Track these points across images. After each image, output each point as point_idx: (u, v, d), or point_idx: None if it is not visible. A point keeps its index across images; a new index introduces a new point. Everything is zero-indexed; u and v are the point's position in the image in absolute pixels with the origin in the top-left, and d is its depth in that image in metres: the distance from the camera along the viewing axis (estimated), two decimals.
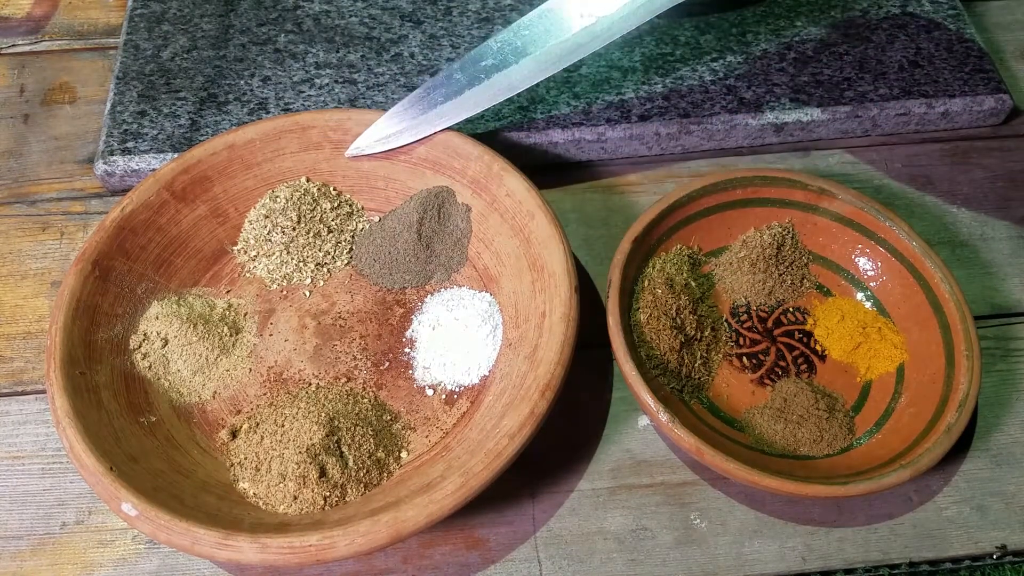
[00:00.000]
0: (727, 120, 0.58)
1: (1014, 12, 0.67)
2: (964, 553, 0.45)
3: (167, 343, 0.48)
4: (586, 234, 0.56)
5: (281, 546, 0.39)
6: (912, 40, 0.62)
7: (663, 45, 0.62)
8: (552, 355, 0.44)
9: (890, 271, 0.50)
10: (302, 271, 0.52)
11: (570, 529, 0.46)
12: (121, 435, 0.43)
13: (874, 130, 0.60)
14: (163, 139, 0.57)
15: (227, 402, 0.48)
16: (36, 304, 0.53)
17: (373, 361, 0.49)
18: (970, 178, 0.59)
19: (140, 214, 0.49)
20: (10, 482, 0.47)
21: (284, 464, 0.43)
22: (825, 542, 0.46)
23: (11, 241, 0.56)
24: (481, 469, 0.41)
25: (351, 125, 0.52)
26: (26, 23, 0.67)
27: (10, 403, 0.50)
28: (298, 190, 0.53)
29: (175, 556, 0.45)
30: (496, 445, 0.41)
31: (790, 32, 0.63)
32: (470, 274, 0.52)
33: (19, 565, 0.45)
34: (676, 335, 0.47)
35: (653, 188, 0.58)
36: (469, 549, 0.45)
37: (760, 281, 0.51)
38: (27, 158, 0.60)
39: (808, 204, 0.52)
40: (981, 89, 0.59)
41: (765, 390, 0.49)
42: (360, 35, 0.63)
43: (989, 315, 0.53)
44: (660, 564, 0.45)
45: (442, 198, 0.52)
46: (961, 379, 0.45)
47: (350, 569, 0.45)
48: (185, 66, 0.61)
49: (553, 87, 0.59)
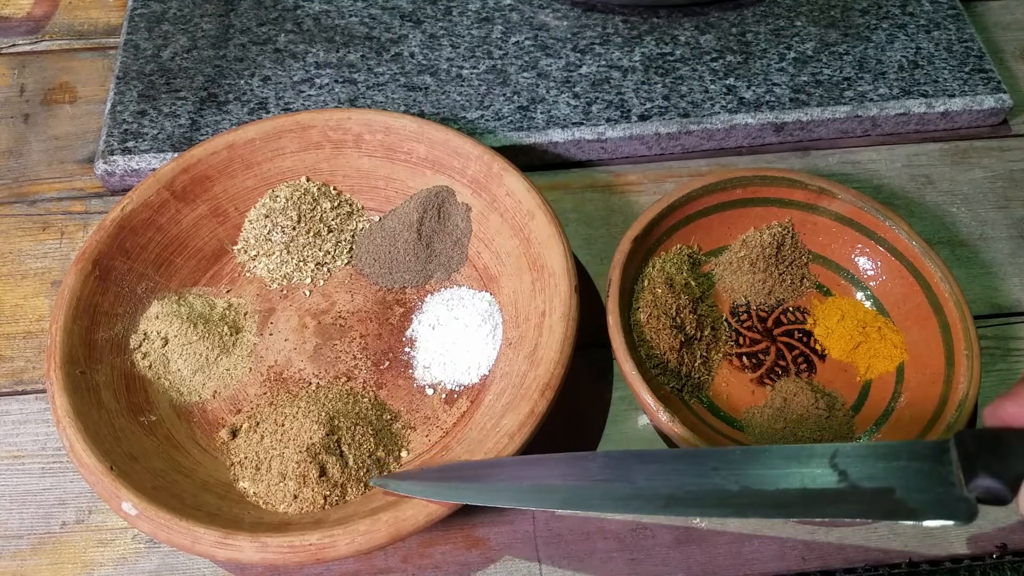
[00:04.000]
0: (727, 120, 0.58)
1: (1014, 12, 0.68)
2: (964, 553, 0.45)
3: (167, 342, 0.48)
4: (586, 234, 0.56)
5: (281, 545, 0.39)
6: (912, 40, 0.62)
7: (663, 45, 0.62)
8: (552, 354, 0.44)
9: (890, 271, 0.50)
10: (302, 271, 0.52)
11: (570, 528, 0.46)
12: (121, 434, 0.43)
13: (874, 130, 0.60)
14: (163, 139, 0.57)
15: (227, 401, 0.48)
16: (36, 304, 0.53)
17: (373, 360, 0.49)
18: (970, 178, 0.59)
19: (140, 213, 0.49)
20: (10, 481, 0.47)
21: (284, 463, 0.43)
22: (825, 542, 0.46)
23: (11, 241, 0.56)
24: None
25: (351, 125, 0.53)
26: (26, 23, 0.67)
27: (10, 402, 0.50)
28: (298, 190, 0.53)
29: (175, 555, 0.45)
30: (496, 444, 0.41)
31: (790, 32, 0.63)
32: (470, 274, 0.52)
33: (19, 564, 0.45)
34: (676, 334, 0.48)
35: (653, 188, 0.58)
36: (469, 548, 0.45)
37: (760, 281, 0.51)
38: (27, 158, 0.60)
39: (808, 204, 0.52)
40: (981, 89, 0.59)
41: (765, 389, 0.49)
42: (360, 35, 0.63)
43: (989, 315, 0.53)
44: (660, 564, 0.45)
45: (442, 198, 0.52)
46: (961, 379, 0.45)
47: (350, 568, 0.45)
48: (185, 66, 0.61)
49: (553, 87, 0.59)
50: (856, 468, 0.35)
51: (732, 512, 0.36)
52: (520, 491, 0.39)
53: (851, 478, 0.35)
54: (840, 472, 0.35)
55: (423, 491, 0.40)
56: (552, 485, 0.38)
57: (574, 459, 0.39)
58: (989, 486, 0.32)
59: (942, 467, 0.34)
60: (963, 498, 0.33)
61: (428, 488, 0.40)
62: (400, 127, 0.52)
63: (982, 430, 0.34)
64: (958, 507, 0.33)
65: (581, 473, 0.38)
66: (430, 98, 0.59)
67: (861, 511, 0.34)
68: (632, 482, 0.37)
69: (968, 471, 0.33)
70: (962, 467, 0.33)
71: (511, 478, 0.39)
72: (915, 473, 0.34)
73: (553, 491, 0.38)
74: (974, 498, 0.33)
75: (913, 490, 0.34)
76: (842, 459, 0.35)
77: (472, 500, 0.39)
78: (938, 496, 0.33)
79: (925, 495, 0.34)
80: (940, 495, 0.33)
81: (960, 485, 0.33)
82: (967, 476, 0.33)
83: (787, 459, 0.36)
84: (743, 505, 0.35)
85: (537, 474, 0.39)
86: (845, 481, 0.35)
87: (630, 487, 0.37)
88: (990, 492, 0.32)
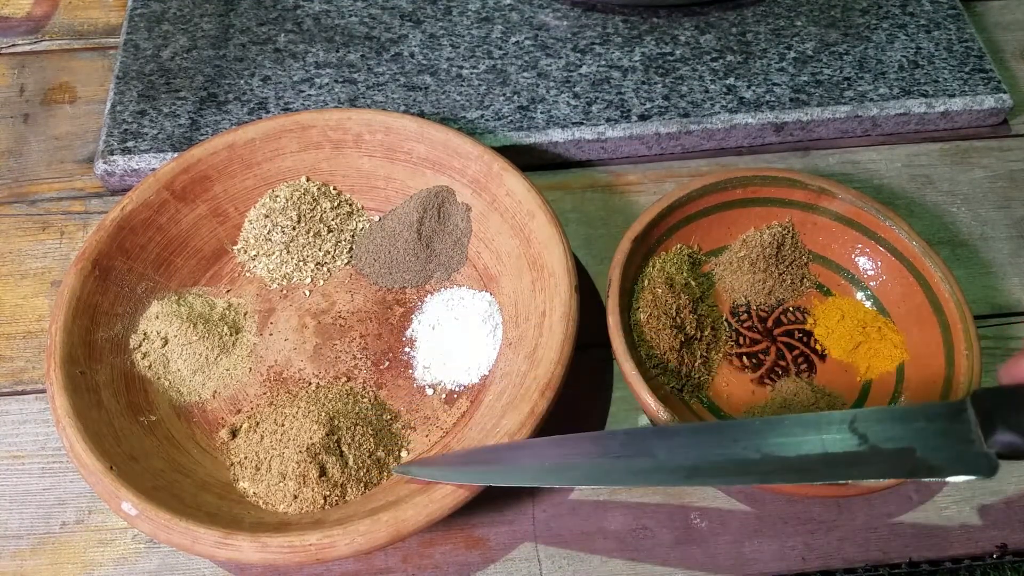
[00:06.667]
0: (727, 120, 0.58)
1: (1014, 12, 0.67)
2: (964, 553, 0.45)
3: (167, 342, 0.48)
4: (586, 234, 0.56)
5: (281, 545, 0.39)
6: (912, 40, 0.62)
7: (663, 45, 0.62)
8: (552, 354, 0.44)
9: (890, 270, 0.50)
10: (302, 270, 0.52)
11: (570, 528, 0.46)
12: (121, 434, 0.43)
13: (874, 130, 0.60)
14: (163, 139, 0.57)
15: (227, 401, 0.48)
16: (36, 303, 0.53)
17: (373, 360, 0.49)
18: (970, 178, 0.59)
19: (140, 213, 0.49)
20: (10, 481, 0.47)
21: (284, 463, 0.43)
22: (825, 542, 0.46)
23: (11, 241, 0.56)
24: None
25: (351, 125, 0.53)
26: (26, 23, 0.67)
27: (10, 402, 0.50)
28: (298, 189, 0.53)
29: (175, 555, 0.45)
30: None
31: (790, 32, 0.63)
32: (470, 274, 0.52)
33: (19, 564, 0.45)
34: (676, 334, 0.47)
35: (653, 188, 0.58)
36: (469, 548, 0.45)
37: (760, 280, 0.51)
38: (27, 158, 0.60)
39: (808, 203, 0.52)
40: (981, 89, 0.59)
41: (765, 389, 0.49)
42: (360, 35, 0.63)
43: (989, 315, 0.53)
44: (660, 563, 0.45)
45: (442, 198, 0.52)
46: (961, 379, 0.45)
47: (350, 568, 0.45)
48: (185, 66, 0.61)
49: (553, 87, 0.59)
50: (875, 431, 0.36)
51: (755, 479, 0.36)
52: (543, 469, 0.39)
53: (871, 440, 0.35)
54: (860, 436, 0.36)
55: (446, 476, 0.40)
56: (574, 463, 0.39)
57: (595, 437, 0.40)
58: (1009, 441, 0.33)
59: (960, 425, 0.35)
60: (983, 454, 0.34)
61: (451, 473, 0.40)
62: (400, 127, 0.52)
63: (998, 388, 0.35)
64: (979, 462, 0.34)
65: (602, 450, 0.39)
66: (430, 98, 0.59)
67: (883, 471, 0.35)
68: (654, 456, 0.37)
69: (987, 427, 0.34)
70: (980, 424, 0.34)
71: (533, 458, 0.40)
72: (934, 433, 0.35)
73: (575, 468, 0.38)
74: (994, 453, 0.33)
75: (933, 448, 0.34)
76: (861, 423, 0.36)
77: (496, 481, 0.39)
78: (958, 453, 0.34)
79: (945, 453, 0.34)
80: (960, 452, 0.34)
81: (979, 441, 0.34)
82: (986, 432, 0.34)
83: (806, 426, 0.37)
84: (765, 472, 0.36)
85: (558, 453, 0.39)
86: (865, 444, 0.35)
87: (652, 461, 0.37)
88: (1009, 447, 0.33)
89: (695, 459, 0.37)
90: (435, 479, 0.40)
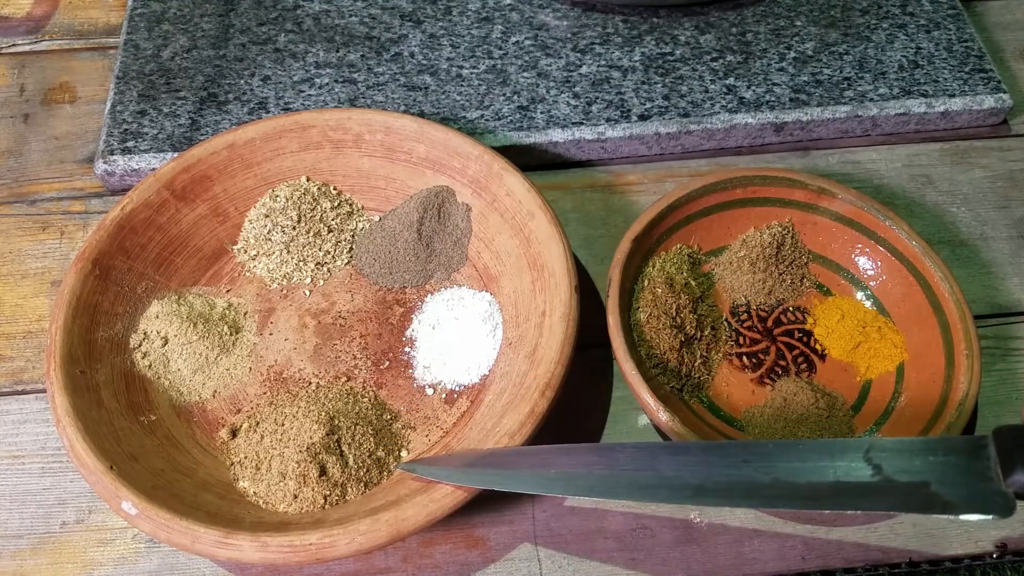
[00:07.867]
0: (727, 120, 0.58)
1: (1014, 12, 0.68)
2: (964, 553, 0.45)
3: (167, 342, 0.48)
4: (586, 234, 0.56)
5: (281, 545, 0.39)
6: (912, 40, 0.62)
7: (663, 45, 0.62)
8: (552, 354, 0.44)
9: (890, 270, 0.50)
10: (302, 270, 0.52)
11: (570, 528, 0.46)
12: (121, 434, 0.43)
13: (874, 130, 0.60)
14: (163, 138, 0.57)
15: (227, 401, 0.48)
16: (36, 303, 0.53)
17: (373, 360, 0.49)
18: (970, 178, 0.59)
19: (140, 213, 0.49)
20: (10, 481, 0.47)
21: (284, 463, 0.43)
22: (825, 542, 0.45)
23: (11, 241, 0.56)
24: None
25: (351, 125, 0.53)
26: (26, 23, 0.67)
27: (10, 402, 0.50)
28: (298, 189, 0.53)
29: (175, 555, 0.45)
30: (496, 445, 0.41)
31: (790, 32, 0.63)
32: (470, 273, 0.52)
33: (19, 564, 0.45)
34: (676, 334, 0.48)
35: (653, 188, 0.58)
36: (469, 548, 0.45)
37: (760, 280, 0.51)
38: (27, 158, 0.60)
39: (808, 203, 0.52)
40: (981, 89, 0.59)
41: (765, 389, 0.49)
42: (360, 35, 0.63)
43: (989, 315, 0.53)
44: (660, 563, 0.45)
45: (442, 197, 0.52)
46: (961, 378, 0.45)
47: (350, 568, 0.45)
48: (185, 65, 0.61)
49: (553, 87, 0.59)
50: (890, 462, 0.34)
51: (761, 503, 0.36)
52: (547, 478, 0.38)
53: (885, 472, 0.34)
54: (874, 466, 0.34)
55: (449, 477, 0.40)
56: (578, 473, 0.38)
57: (601, 449, 0.40)
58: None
59: (979, 462, 0.33)
60: (1000, 492, 0.33)
61: (455, 474, 0.40)
62: (400, 127, 0.52)
63: (1021, 426, 0.34)
64: (995, 501, 0.32)
65: (608, 462, 0.38)
66: (430, 98, 0.59)
67: (894, 504, 0.34)
68: (659, 472, 0.37)
69: (1007, 465, 0.33)
70: (1000, 462, 0.33)
71: (537, 465, 0.39)
72: (951, 468, 0.34)
73: (579, 479, 0.38)
74: (1012, 493, 0.32)
75: (948, 484, 0.33)
76: (876, 453, 0.35)
77: (498, 486, 0.39)
78: (975, 491, 0.33)
79: (961, 489, 0.33)
80: (977, 490, 0.33)
81: (998, 480, 0.33)
82: (1005, 471, 0.33)
83: (820, 452, 0.36)
84: (772, 496, 0.35)
85: (564, 462, 0.39)
86: (879, 475, 0.34)
87: (657, 476, 0.37)
88: None
89: (702, 478, 0.36)
90: (439, 480, 0.40)
